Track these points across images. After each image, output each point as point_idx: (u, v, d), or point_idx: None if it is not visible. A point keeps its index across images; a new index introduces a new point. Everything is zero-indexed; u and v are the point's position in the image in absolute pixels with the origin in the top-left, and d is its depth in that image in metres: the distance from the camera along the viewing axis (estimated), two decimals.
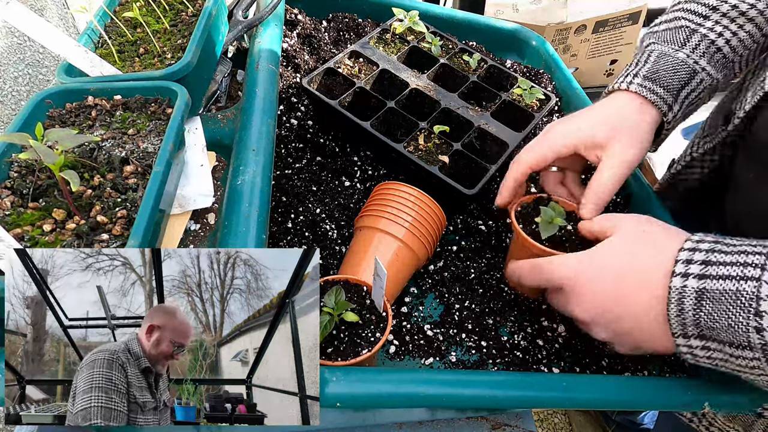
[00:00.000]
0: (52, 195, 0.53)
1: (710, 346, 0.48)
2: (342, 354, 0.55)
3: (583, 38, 1.63)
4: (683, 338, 0.49)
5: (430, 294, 0.70)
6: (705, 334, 0.47)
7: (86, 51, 0.65)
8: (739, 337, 0.45)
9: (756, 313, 0.44)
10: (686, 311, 0.48)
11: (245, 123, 0.68)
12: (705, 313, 0.47)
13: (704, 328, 0.47)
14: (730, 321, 0.45)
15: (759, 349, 0.45)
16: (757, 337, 0.44)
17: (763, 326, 0.44)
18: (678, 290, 0.48)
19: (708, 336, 0.47)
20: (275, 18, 0.88)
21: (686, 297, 0.48)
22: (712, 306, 0.46)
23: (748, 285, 0.45)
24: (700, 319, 0.47)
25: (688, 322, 0.48)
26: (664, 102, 0.66)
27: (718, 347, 0.47)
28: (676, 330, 0.49)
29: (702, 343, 0.48)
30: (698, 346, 0.48)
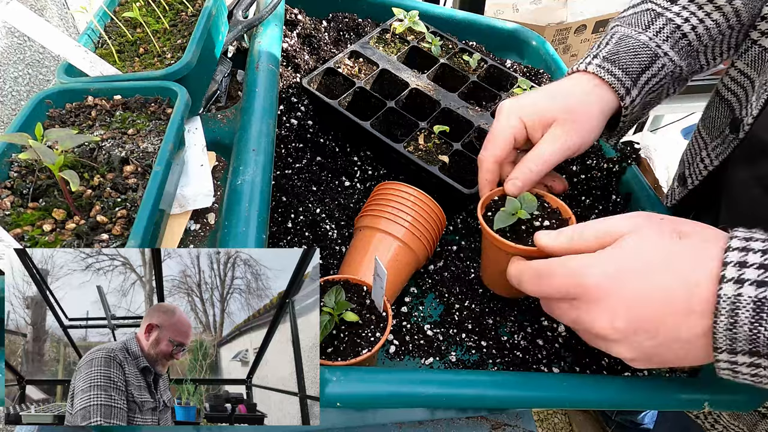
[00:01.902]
0: (52, 195, 0.53)
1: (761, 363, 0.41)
2: (342, 354, 0.55)
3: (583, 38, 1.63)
4: (728, 354, 0.42)
5: (430, 294, 0.70)
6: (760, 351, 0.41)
7: (86, 51, 0.65)
8: None
9: None
10: (740, 324, 0.40)
11: (245, 123, 0.68)
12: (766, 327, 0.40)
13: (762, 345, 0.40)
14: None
15: None
16: None
17: None
18: (730, 299, 0.41)
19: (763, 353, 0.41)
20: (275, 18, 0.88)
21: (741, 307, 0.40)
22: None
23: None
24: (759, 334, 0.40)
25: (741, 336, 0.41)
26: (621, 84, 0.63)
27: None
28: (721, 345, 0.42)
29: (751, 359, 0.42)
30: (745, 362, 0.42)
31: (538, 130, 0.63)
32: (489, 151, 0.64)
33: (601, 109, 0.63)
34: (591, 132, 0.62)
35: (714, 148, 0.73)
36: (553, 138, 0.61)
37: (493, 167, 0.64)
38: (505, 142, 0.63)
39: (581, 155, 0.90)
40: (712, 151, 0.74)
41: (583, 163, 0.88)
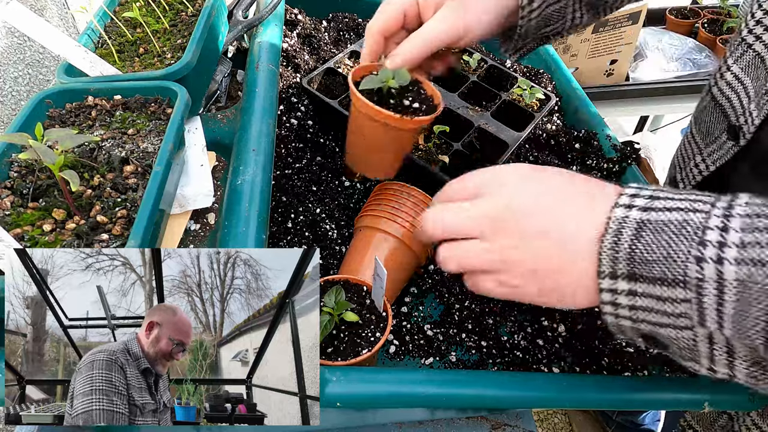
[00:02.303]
0: (52, 195, 0.53)
1: (637, 290, 0.42)
2: (342, 354, 0.55)
3: (583, 38, 1.63)
4: (610, 279, 0.42)
5: (430, 294, 0.70)
6: (636, 272, 0.41)
7: (86, 51, 0.65)
8: (676, 270, 0.40)
9: (700, 242, 0.39)
10: (622, 242, 0.42)
11: (245, 123, 0.68)
12: (643, 244, 0.41)
13: (638, 262, 0.41)
14: (669, 250, 0.40)
15: (693, 286, 0.39)
16: (696, 269, 0.39)
17: (704, 256, 0.38)
18: (619, 220, 0.42)
19: (638, 274, 0.41)
20: (275, 18, 0.88)
21: (626, 227, 0.42)
22: (652, 236, 0.41)
23: (696, 216, 0.40)
24: (635, 251, 0.41)
25: (621, 255, 0.42)
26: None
27: (646, 289, 0.41)
28: (604, 267, 0.42)
29: (629, 286, 0.42)
30: (624, 290, 0.42)
31: (430, 9, 0.62)
32: (376, 22, 0.63)
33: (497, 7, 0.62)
34: (481, 20, 0.61)
35: (710, 154, 0.72)
36: (440, 18, 0.61)
37: (378, 38, 0.64)
38: (395, 15, 0.63)
39: (581, 155, 0.90)
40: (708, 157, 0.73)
41: (584, 163, 0.88)
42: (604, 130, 0.92)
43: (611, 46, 1.67)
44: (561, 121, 0.99)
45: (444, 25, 0.60)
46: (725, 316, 0.38)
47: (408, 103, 0.62)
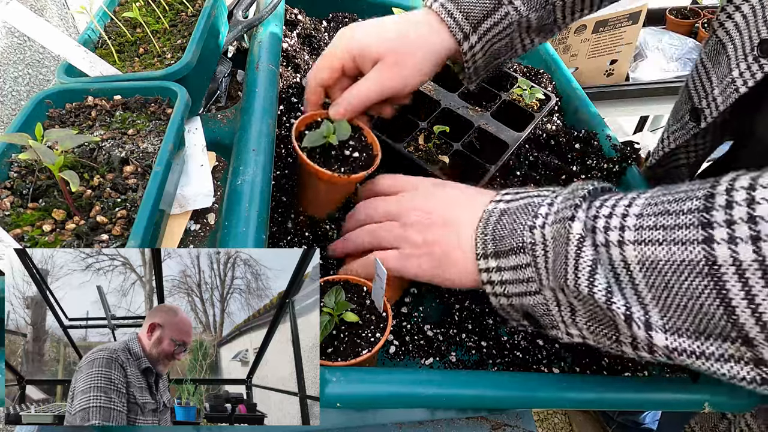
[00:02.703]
0: (52, 195, 0.53)
1: (501, 265, 0.51)
2: (342, 354, 0.55)
3: (583, 38, 1.63)
4: (483, 259, 0.52)
5: (430, 294, 0.70)
6: (497, 249, 0.51)
7: (86, 51, 0.65)
8: (517, 239, 0.49)
9: (534, 215, 0.49)
10: (489, 226, 0.52)
11: (245, 123, 0.68)
12: (501, 225, 0.51)
13: (497, 239, 0.51)
14: (515, 225, 0.50)
15: (529, 250, 0.48)
16: (529, 236, 0.48)
17: (535, 225, 0.48)
18: (489, 211, 0.53)
19: (499, 251, 0.51)
20: (275, 18, 0.88)
21: (492, 215, 0.52)
22: (507, 218, 0.51)
23: (538, 199, 0.50)
24: (495, 231, 0.51)
25: (488, 237, 0.52)
26: (459, 29, 0.63)
27: (505, 263, 0.50)
28: (479, 250, 0.52)
29: (496, 263, 0.51)
30: (493, 267, 0.51)
31: (367, 64, 0.64)
32: (315, 75, 0.67)
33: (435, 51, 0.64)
34: (416, 75, 0.64)
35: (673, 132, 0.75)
36: (375, 76, 0.63)
37: (318, 90, 0.67)
38: (331, 68, 0.66)
39: (581, 155, 0.90)
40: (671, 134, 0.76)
41: (583, 164, 0.88)
42: (604, 130, 0.92)
43: (611, 46, 1.67)
44: (561, 121, 0.99)
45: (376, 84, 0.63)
46: (549, 267, 0.47)
47: (349, 152, 0.65)
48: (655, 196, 0.43)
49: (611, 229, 0.42)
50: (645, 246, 0.40)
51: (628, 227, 0.41)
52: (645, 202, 0.43)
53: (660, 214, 0.40)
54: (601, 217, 0.43)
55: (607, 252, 0.42)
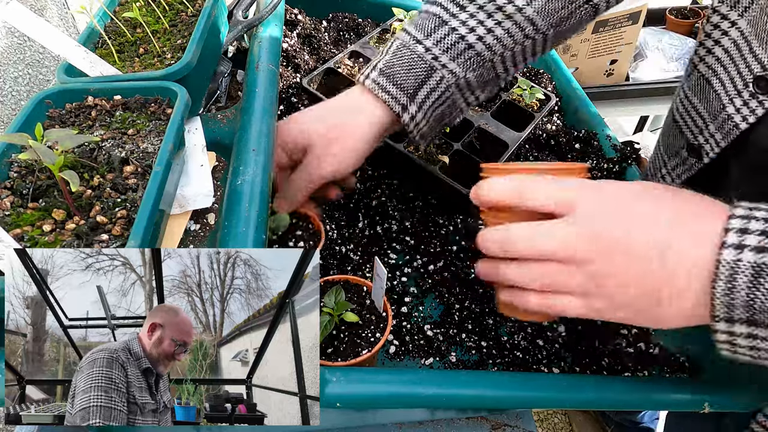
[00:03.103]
0: (52, 195, 0.53)
1: (758, 334, 0.40)
2: (342, 354, 0.55)
3: (583, 38, 1.63)
4: (726, 323, 0.41)
5: (430, 294, 0.70)
6: (756, 319, 0.40)
7: (86, 51, 0.65)
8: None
9: None
10: (738, 290, 0.39)
11: (245, 123, 0.68)
12: (763, 293, 0.39)
13: (758, 310, 0.39)
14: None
15: None
16: None
17: None
18: (730, 264, 0.39)
19: (759, 321, 0.40)
20: (275, 18, 0.88)
21: (740, 272, 0.39)
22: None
23: None
24: (755, 300, 0.39)
25: (738, 303, 0.40)
26: (396, 102, 0.60)
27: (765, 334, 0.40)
28: (719, 313, 0.41)
29: (749, 330, 0.40)
30: (743, 333, 0.41)
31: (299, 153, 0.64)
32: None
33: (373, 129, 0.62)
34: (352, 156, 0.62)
35: (673, 168, 0.72)
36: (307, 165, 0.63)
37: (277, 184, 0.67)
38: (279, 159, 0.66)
39: (581, 155, 0.90)
40: (672, 170, 0.73)
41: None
42: (604, 130, 0.92)
43: (611, 46, 1.67)
44: (561, 121, 0.99)
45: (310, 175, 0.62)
46: None
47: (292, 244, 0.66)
48: None
49: None
50: None
51: None
52: None
53: None
54: None
55: None
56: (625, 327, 0.69)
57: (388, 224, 0.77)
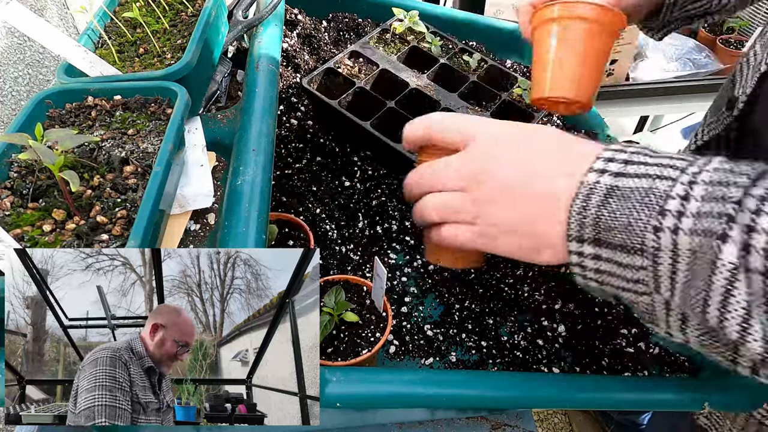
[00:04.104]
0: (52, 195, 0.53)
1: (601, 254, 0.42)
2: (342, 354, 0.55)
3: None
4: (577, 242, 0.43)
5: (430, 294, 0.70)
6: (600, 238, 0.42)
7: (86, 51, 0.65)
8: (634, 239, 0.40)
9: (660, 212, 0.39)
10: (590, 208, 0.42)
11: (245, 123, 0.68)
12: (608, 211, 0.41)
13: (602, 228, 0.41)
14: (630, 218, 0.40)
15: (650, 254, 0.39)
16: (652, 239, 0.39)
17: (662, 226, 0.38)
18: (589, 186, 0.42)
19: (602, 240, 0.42)
20: (275, 18, 0.88)
21: (595, 193, 0.42)
22: (617, 203, 0.41)
23: (663, 183, 0.40)
24: (600, 218, 0.41)
25: (588, 221, 0.42)
26: None
27: (608, 254, 0.42)
28: (572, 231, 0.43)
29: (594, 250, 0.42)
30: (590, 254, 0.43)
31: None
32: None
33: None
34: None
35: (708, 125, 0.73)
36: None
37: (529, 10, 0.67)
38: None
39: None
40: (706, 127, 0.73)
41: None
42: (604, 130, 0.92)
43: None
44: (561, 121, 0.99)
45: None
46: (677, 284, 0.39)
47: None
48: None
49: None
50: None
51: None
52: None
53: None
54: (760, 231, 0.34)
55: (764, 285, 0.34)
56: (625, 327, 0.69)
57: (388, 224, 0.77)
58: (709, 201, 0.37)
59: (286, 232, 0.70)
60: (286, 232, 0.70)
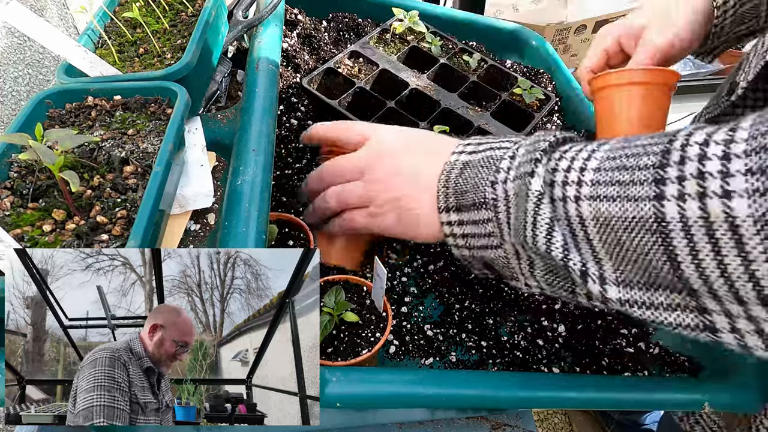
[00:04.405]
0: (52, 195, 0.53)
1: (463, 219, 0.50)
2: (342, 354, 0.55)
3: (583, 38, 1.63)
4: (445, 213, 0.51)
5: (430, 294, 0.70)
6: (459, 203, 0.50)
7: (86, 51, 0.65)
8: (479, 194, 0.48)
9: (496, 170, 0.48)
10: (451, 180, 0.51)
11: (245, 123, 0.68)
12: (462, 179, 0.50)
13: (459, 193, 0.50)
14: (476, 179, 0.49)
15: (491, 206, 0.47)
16: (491, 191, 0.47)
17: (497, 180, 0.47)
18: (451, 163, 0.52)
19: (461, 205, 0.50)
20: (275, 18, 0.88)
21: (455, 167, 0.51)
22: (469, 172, 0.50)
23: (500, 152, 0.49)
24: (457, 185, 0.50)
25: (450, 191, 0.51)
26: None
27: (467, 217, 0.50)
28: (441, 203, 0.52)
29: (458, 216, 0.51)
30: (456, 221, 0.51)
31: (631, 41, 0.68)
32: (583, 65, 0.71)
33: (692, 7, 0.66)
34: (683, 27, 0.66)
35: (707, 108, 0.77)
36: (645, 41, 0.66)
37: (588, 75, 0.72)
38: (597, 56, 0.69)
39: None
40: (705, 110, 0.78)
41: None
42: None
43: None
44: (561, 121, 0.99)
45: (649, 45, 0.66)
46: (510, 225, 0.46)
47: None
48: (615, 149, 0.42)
49: (569, 184, 0.42)
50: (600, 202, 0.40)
51: (585, 182, 0.41)
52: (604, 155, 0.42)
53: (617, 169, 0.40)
54: (560, 170, 0.43)
55: (564, 207, 0.42)
56: (625, 327, 0.69)
57: None
58: (526, 155, 0.46)
59: (286, 232, 0.70)
60: (286, 232, 0.70)
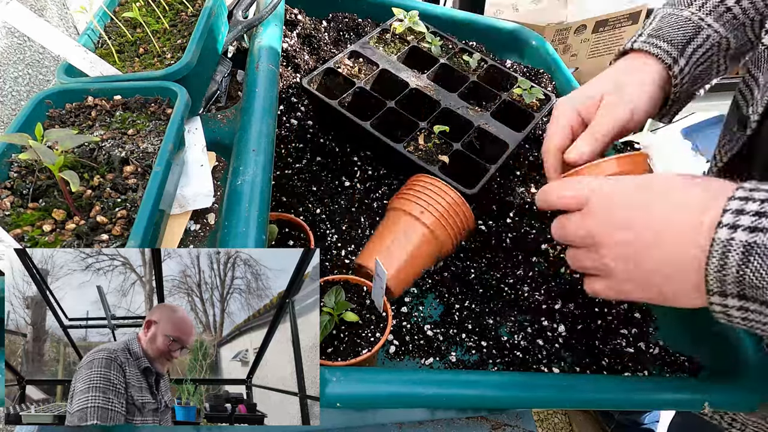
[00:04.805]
0: (52, 195, 0.53)
1: (749, 307, 0.43)
2: (342, 354, 0.55)
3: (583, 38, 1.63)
4: (719, 296, 0.44)
5: (430, 294, 0.70)
6: (746, 294, 0.43)
7: (86, 51, 0.65)
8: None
9: None
10: (729, 267, 0.43)
11: (245, 123, 0.68)
12: (751, 270, 0.42)
13: (748, 286, 0.42)
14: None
15: None
16: None
17: None
18: (723, 243, 0.43)
19: (749, 296, 0.43)
20: (275, 18, 0.88)
21: (732, 251, 0.42)
22: (760, 262, 0.41)
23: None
24: (744, 277, 0.42)
25: (729, 279, 0.43)
26: (668, 54, 0.66)
27: (759, 308, 0.43)
28: (712, 287, 0.44)
29: (740, 303, 0.44)
30: (735, 306, 0.44)
31: (591, 112, 0.67)
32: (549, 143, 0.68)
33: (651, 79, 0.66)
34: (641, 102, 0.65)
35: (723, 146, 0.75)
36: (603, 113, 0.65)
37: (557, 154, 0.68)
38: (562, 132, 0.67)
39: None
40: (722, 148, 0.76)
41: None
42: None
43: (611, 46, 1.67)
44: None
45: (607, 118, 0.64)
46: None
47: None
48: None
49: None
50: None
51: None
52: None
53: None
54: None
55: None
56: (625, 327, 0.69)
57: None
58: None
59: (286, 232, 0.70)
60: (286, 232, 0.70)
